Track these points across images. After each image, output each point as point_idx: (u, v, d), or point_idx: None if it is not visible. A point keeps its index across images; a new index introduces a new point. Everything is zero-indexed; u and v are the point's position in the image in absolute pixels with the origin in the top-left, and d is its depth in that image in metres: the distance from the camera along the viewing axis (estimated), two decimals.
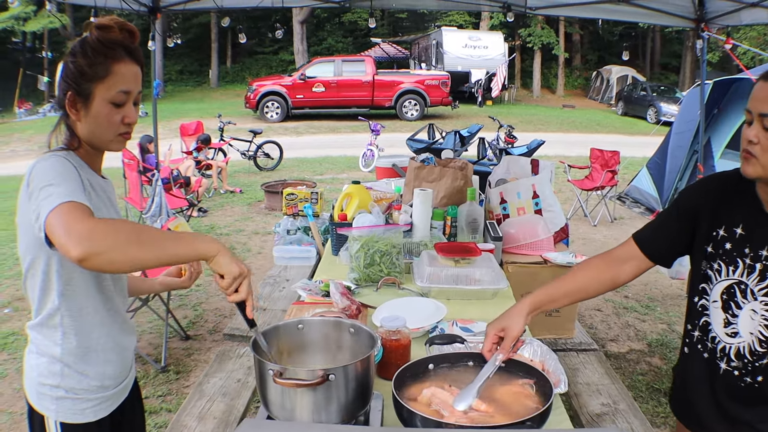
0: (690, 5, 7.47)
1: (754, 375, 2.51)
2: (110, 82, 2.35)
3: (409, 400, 2.27)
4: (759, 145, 2.31)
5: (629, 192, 14.55)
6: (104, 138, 2.42)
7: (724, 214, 2.56)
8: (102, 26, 2.37)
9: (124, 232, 2.03)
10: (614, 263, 2.82)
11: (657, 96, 34.20)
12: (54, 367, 2.39)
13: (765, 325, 2.44)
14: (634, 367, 6.63)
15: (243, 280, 2.21)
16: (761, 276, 2.43)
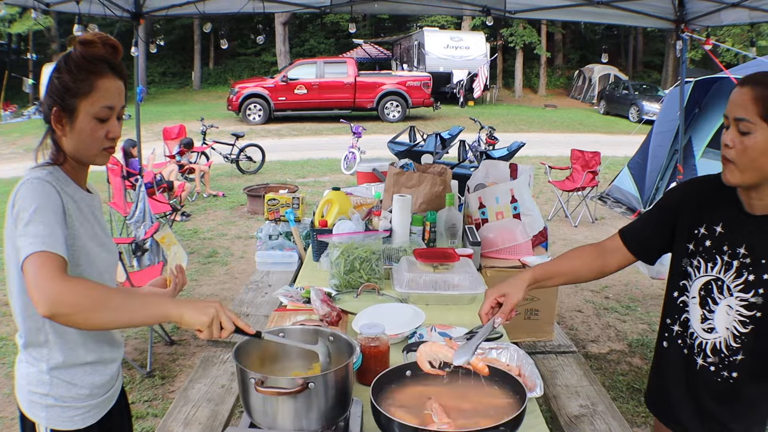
0: (670, 6, 7.56)
1: (730, 370, 2.62)
2: (94, 97, 2.41)
3: (387, 406, 2.33)
4: (734, 149, 2.42)
5: (610, 192, 14.62)
6: (89, 153, 2.48)
7: (706, 213, 2.68)
8: (86, 42, 2.43)
9: (92, 298, 2.12)
10: (603, 253, 2.98)
11: (639, 95, 34.29)
12: (43, 377, 2.45)
13: (740, 321, 2.55)
14: (614, 368, 6.71)
15: (218, 319, 2.22)
16: (738, 273, 2.54)
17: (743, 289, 2.53)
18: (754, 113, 2.36)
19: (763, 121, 2.35)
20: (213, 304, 2.22)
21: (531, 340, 5.38)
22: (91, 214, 2.58)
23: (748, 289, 2.52)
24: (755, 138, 2.37)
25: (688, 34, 7.75)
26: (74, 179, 2.52)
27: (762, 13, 6.74)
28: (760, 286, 2.50)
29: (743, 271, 2.53)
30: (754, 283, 2.51)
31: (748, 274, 2.52)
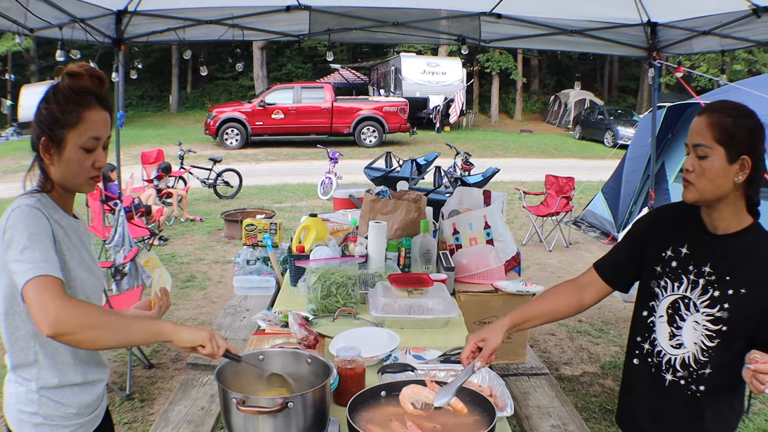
0: (642, 35, 7.71)
1: (698, 384, 2.77)
2: (82, 128, 2.52)
3: (363, 425, 2.43)
4: (694, 172, 2.64)
5: (585, 216, 14.76)
6: (76, 181, 2.59)
7: (672, 236, 2.87)
8: (73, 74, 2.54)
9: (93, 319, 2.27)
10: (579, 289, 3.14)
11: (614, 119, 34.57)
12: (32, 396, 2.53)
13: (707, 335, 2.71)
14: (587, 390, 6.82)
15: (216, 337, 2.44)
16: (703, 290, 2.71)
17: (709, 305, 2.69)
18: (710, 138, 2.58)
19: (719, 144, 2.57)
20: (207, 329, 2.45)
21: (504, 362, 5.49)
22: (78, 239, 2.67)
23: (713, 304, 2.68)
24: (712, 161, 2.59)
25: (660, 62, 7.90)
26: (61, 206, 2.63)
27: (732, 41, 6.89)
28: (725, 301, 2.66)
29: (708, 288, 2.70)
30: (719, 299, 2.67)
31: (713, 291, 2.68)
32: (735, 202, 2.67)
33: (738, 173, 2.60)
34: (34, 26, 6.31)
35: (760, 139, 2.62)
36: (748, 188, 2.66)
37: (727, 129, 2.58)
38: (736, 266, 2.67)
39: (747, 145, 2.58)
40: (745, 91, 10.11)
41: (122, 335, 2.35)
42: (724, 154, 2.59)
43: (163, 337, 2.39)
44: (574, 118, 40.36)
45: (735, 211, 2.69)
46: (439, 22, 8.03)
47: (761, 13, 6.08)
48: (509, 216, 15.62)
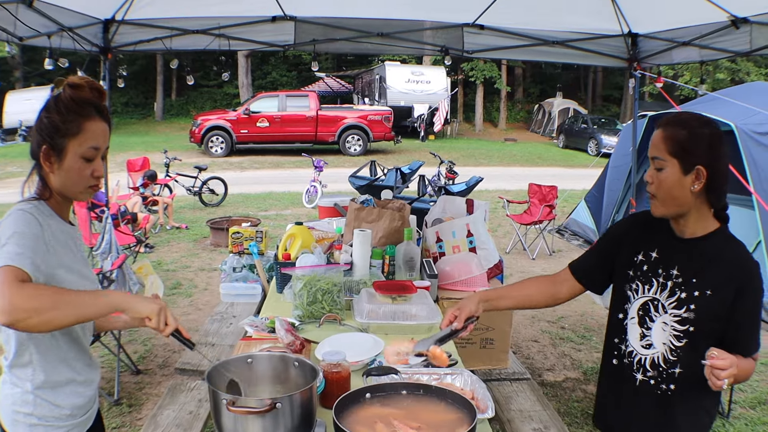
0: (623, 45, 7.80)
1: (668, 383, 2.89)
2: (82, 138, 2.60)
3: (349, 424, 2.51)
4: (654, 184, 2.81)
5: (568, 225, 14.86)
6: (75, 189, 2.68)
7: (643, 242, 3.02)
8: (74, 85, 2.64)
9: (45, 298, 2.32)
10: (555, 283, 3.35)
11: (597, 128, 34.72)
12: (27, 397, 2.60)
13: (675, 335, 2.84)
14: (569, 395, 6.92)
15: (165, 312, 2.51)
16: (671, 292, 2.85)
17: (676, 306, 2.82)
18: (665, 151, 2.75)
19: (672, 157, 2.73)
20: (159, 300, 2.51)
21: (487, 367, 5.57)
22: (74, 245, 2.77)
23: (680, 305, 2.81)
24: (667, 173, 2.76)
25: (640, 72, 8.01)
26: (58, 213, 2.72)
27: (711, 52, 6.99)
28: (691, 303, 2.79)
29: (676, 290, 2.83)
30: (686, 300, 2.80)
31: (681, 293, 2.82)
32: (698, 209, 2.81)
33: (694, 183, 2.73)
34: (24, 35, 6.36)
35: (719, 147, 2.75)
36: (708, 196, 2.79)
37: (680, 142, 2.73)
38: (702, 269, 2.79)
39: (699, 155, 2.71)
40: (725, 101, 10.26)
41: (76, 311, 2.39)
42: (678, 165, 2.74)
43: (115, 307, 2.45)
44: (558, 126, 40.59)
45: (698, 218, 2.83)
46: (423, 33, 8.12)
47: (740, 24, 6.18)
48: (493, 224, 15.73)
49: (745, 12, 6.06)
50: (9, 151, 30.70)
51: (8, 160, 27.32)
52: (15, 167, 25.44)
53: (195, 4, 7.13)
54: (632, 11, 6.98)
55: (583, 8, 7.04)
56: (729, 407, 6.56)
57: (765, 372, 7.66)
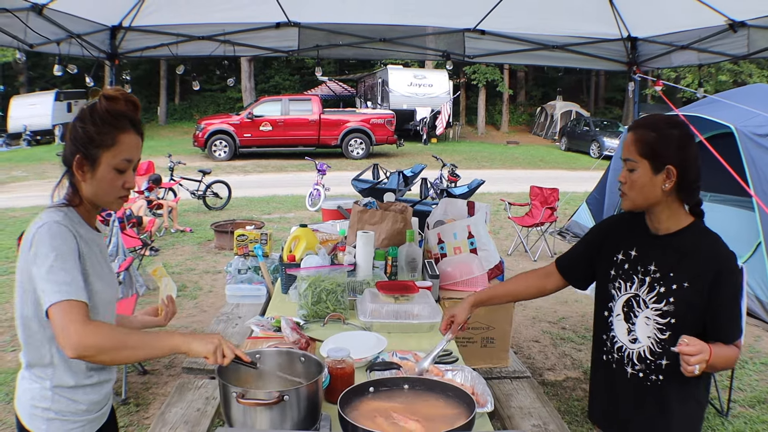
0: (623, 49, 7.89)
1: (657, 374, 3.01)
2: (116, 150, 2.68)
3: (353, 416, 2.60)
4: (626, 184, 2.96)
5: (570, 227, 14.89)
6: (106, 199, 2.76)
7: (622, 241, 3.15)
8: (110, 97, 2.70)
9: (113, 340, 2.46)
10: (541, 277, 3.54)
11: (600, 131, 34.64)
12: (46, 393, 2.68)
13: (658, 329, 2.96)
14: (570, 394, 6.99)
15: (222, 347, 2.60)
16: (650, 287, 2.98)
17: (656, 300, 2.95)
18: (636, 153, 2.91)
19: (643, 158, 2.89)
20: (216, 336, 2.61)
21: (488, 366, 5.65)
22: (99, 252, 2.83)
23: (660, 299, 2.94)
24: (638, 173, 2.91)
25: (640, 76, 8.09)
26: (86, 220, 2.79)
27: (710, 55, 7.08)
28: (670, 296, 2.91)
29: (655, 284, 2.96)
30: (665, 294, 2.93)
31: (659, 287, 2.94)
32: (669, 206, 2.95)
33: (665, 182, 2.88)
34: (33, 42, 6.47)
35: (688, 146, 2.89)
36: (679, 193, 2.93)
37: (650, 143, 2.87)
38: (677, 262, 2.92)
39: (668, 155, 2.86)
40: (725, 103, 10.33)
41: (140, 353, 2.60)
42: (648, 166, 2.88)
43: (176, 350, 2.57)
44: (560, 129, 40.51)
45: (671, 214, 2.97)
46: (424, 38, 8.23)
47: (737, 28, 6.29)
48: (495, 226, 15.80)
49: (742, 16, 6.16)
50: (14, 156, 30.75)
51: (13, 165, 27.40)
52: (20, 171, 25.53)
53: (200, 11, 7.25)
54: (631, 15, 7.08)
55: (582, 13, 7.14)
56: (728, 406, 6.63)
57: (764, 371, 7.74)
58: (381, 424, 2.60)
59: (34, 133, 35.36)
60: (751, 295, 9.20)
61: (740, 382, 7.34)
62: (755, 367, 7.85)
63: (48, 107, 36.00)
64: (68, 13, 6.41)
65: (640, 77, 8.10)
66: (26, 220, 15.31)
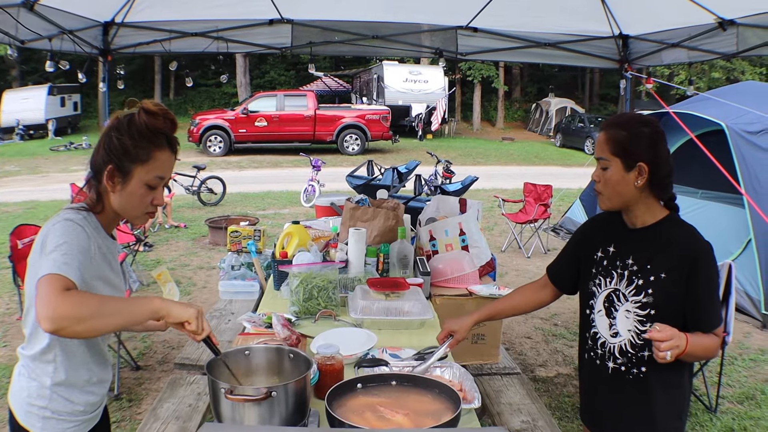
0: (614, 47, 7.95)
1: (639, 366, 3.05)
2: (150, 166, 2.69)
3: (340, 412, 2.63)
4: (600, 183, 3.03)
5: (563, 223, 14.92)
6: (132, 213, 2.78)
7: (601, 239, 3.22)
8: (149, 112, 2.68)
9: (88, 307, 2.40)
10: (539, 290, 3.62)
11: (594, 127, 34.57)
12: (44, 391, 2.70)
13: (638, 321, 3.01)
14: (561, 390, 7.04)
15: (202, 318, 2.61)
16: (629, 280, 3.03)
17: (635, 293, 3.00)
18: (608, 151, 2.97)
19: (615, 156, 2.95)
20: (195, 305, 2.60)
21: (478, 362, 5.69)
22: (112, 259, 2.87)
23: (639, 292, 2.99)
24: (611, 172, 2.97)
25: (631, 73, 8.14)
26: (105, 227, 2.80)
27: (699, 53, 7.14)
28: (648, 287, 2.96)
29: (633, 278, 3.01)
30: (643, 286, 2.98)
31: (638, 280, 3.00)
32: (644, 201, 3.01)
33: (637, 179, 2.94)
34: (25, 38, 6.48)
35: (658, 144, 2.95)
36: (652, 189, 2.99)
37: (621, 142, 2.94)
38: (654, 254, 2.98)
39: (639, 153, 2.92)
40: (716, 100, 10.38)
41: (118, 319, 2.51)
42: (620, 164, 2.95)
43: (155, 312, 2.52)
44: (555, 125, 40.52)
45: (646, 209, 3.03)
46: (417, 36, 8.28)
47: (726, 26, 6.34)
48: (489, 223, 15.84)
49: (731, 14, 6.22)
50: (6, 150, 30.78)
51: (6, 159, 27.40)
52: (12, 166, 25.55)
53: (193, 8, 7.27)
54: (622, 13, 7.13)
55: (574, 11, 7.18)
56: (717, 402, 6.67)
57: (753, 367, 7.78)
58: (369, 418, 2.64)
59: (27, 127, 35.36)
60: (740, 291, 9.25)
61: (729, 378, 7.38)
62: (744, 363, 7.89)
63: (41, 101, 36.01)
64: (60, 9, 6.43)
65: (632, 75, 8.15)
66: (18, 215, 15.40)
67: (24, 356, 2.76)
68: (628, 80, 8.22)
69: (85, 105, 41.80)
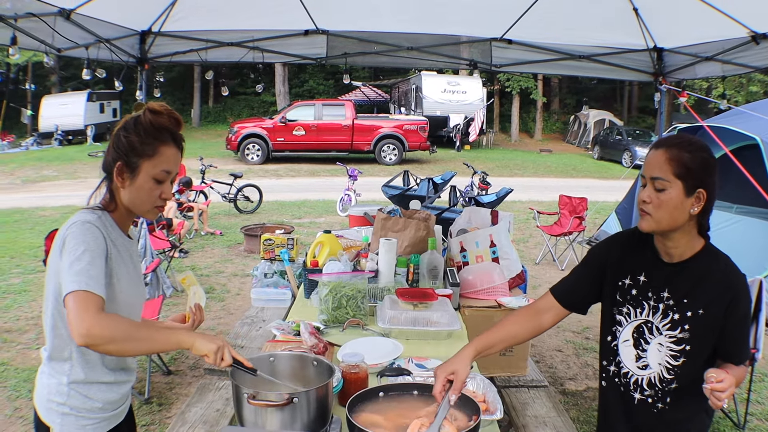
0: (649, 60, 7.93)
1: (665, 399, 2.99)
2: (156, 161, 2.82)
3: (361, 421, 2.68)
4: (651, 204, 2.83)
5: (598, 236, 14.82)
6: (142, 207, 2.89)
7: (628, 265, 3.08)
8: (154, 111, 2.85)
9: (121, 332, 2.54)
10: (537, 314, 3.32)
11: (632, 140, 34.42)
12: (62, 388, 2.80)
13: (671, 355, 2.93)
14: (590, 404, 7.00)
15: (223, 350, 2.70)
16: (664, 314, 2.93)
17: (671, 328, 2.91)
18: (669, 172, 2.78)
19: (677, 178, 2.77)
20: (220, 338, 2.71)
21: (506, 374, 5.70)
22: (129, 257, 2.95)
23: (675, 326, 2.89)
24: (670, 194, 2.78)
25: (666, 86, 8.11)
26: (120, 225, 2.91)
27: (733, 67, 7.10)
28: (685, 323, 2.87)
29: (669, 311, 2.91)
30: (680, 321, 2.88)
31: (674, 314, 2.90)
32: (689, 231, 2.88)
33: (694, 205, 2.80)
34: (61, 46, 6.58)
35: (714, 172, 2.83)
36: (701, 218, 2.88)
37: (686, 163, 2.77)
38: (692, 289, 2.88)
39: (702, 178, 2.78)
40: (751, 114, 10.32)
41: (146, 346, 2.70)
42: (681, 187, 2.78)
43: (181, 346, 2.69)
44: (593, 138, 40.30)
45: (688, 240, 2.89)
46: (452, 47, 8.30)
47: (760, 40, 6.31)
48: (525, 235, 15.83)
49: (764, 28, 6.18)
50: (45, 155, 31.10)
51: (44, 164, 27.70)
52: (51, 171, 25.84)
53: (229, 18, 7.34)
54: (657, 26, 7.10)
55: (608, 23, 7.17)
56: (745, 419, 6.64)
57: None
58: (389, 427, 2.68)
59: (66, 132, 35.74)
60: None
61: (759, 396, 7.33)
62: None
63: (80, 107, 36.39)
64: (96, 18, 6.52)
65: (667, 88, 8.12)
66: (55, 220, 15.57)
67: (45, 356, 2.86)
68: (663, 93, 8.20)
69: (124, 112, 42.01)
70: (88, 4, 6.13)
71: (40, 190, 21.30)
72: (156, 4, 6.98)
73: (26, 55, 37.04)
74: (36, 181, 23.61)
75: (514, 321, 3.34)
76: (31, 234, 14.70)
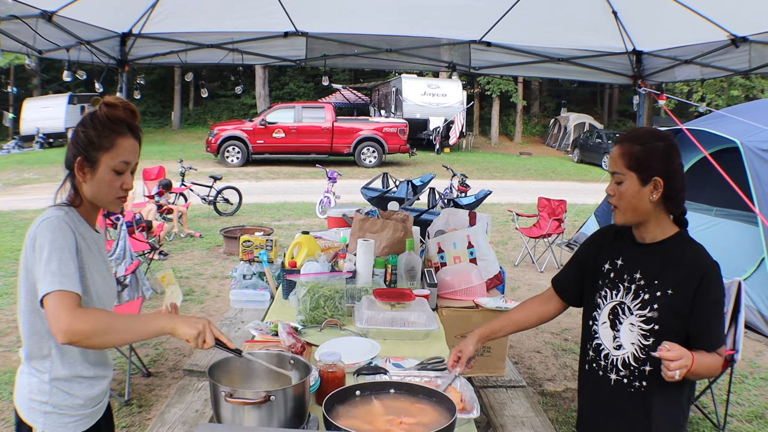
0: (628, 63, 7.97)
1: (640, 380, 3.08)
2: (114, 153, 2.86)
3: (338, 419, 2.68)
4: (615, 196, 3.05)
5: (577, 238, 14.91)
6: (105, 199, 2.92)
7: (609, 251, 3.24)
8: (109, 104, 2.90)
9: (101, 324, 2.59)
10: (541, 304, 3.61)
11: (612, 143, 34.39)
12: (44, 386, 2.81)
13: (642, 335, 3.04)
14: (568, 405, 7.04)
15: (205, 333, 2.70)
16: (636, 294, 3.06)
17: (641, 307, 3.03)
18: (622, 165, 3.01)
19: (630, 170, 2.98)
20: (202, 321, 2.71)
21: (484, 375, 5.71)
22: (98, 250, 2.99)
23: (644, 306, 3.02)
24: (627, 186, 3.00)
25: (644, 89, 8.15)
26: (87, 220, 2.95)
27: (712, 70, 7.15)
28: (654, 302, 2.99)
29: (640, 292, 3.04)
30: (649, 301, 3.01)
31: (644, 294, 3.03)
32: (657, 216, 3.04)
33: (652, 193, 2.97)
34: (43, 48, 6.57)
35: (673, 158, 3.00)
36: (665, 204, 3.02)
37: (637, 156, 2.97)
38: (662, 270, 3.00)
39: (654, 167, 2.96)
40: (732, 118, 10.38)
41: (127, 336, 2.75)
42: (636, 178, 2.98)
43: (162, 330, 2.68)
44: (573, 141, 40.47)
45: (658, 224, 3.06)
46: (432, 49, 8.31)
47: (739, 43, 6.36)
48: (503, 237, 15.87)
49: (744, 31, 6.24)
50: (26, 158, 30.99)
51: (25, 167, 27.59)
52: (32, 174, 25.72)
53: (209, 20, 7.36)
54: (636, 29, 7.15)
55: (587, 26, 7.21)
56: (725, 420, 6.67)
57: (764, 386, 7.78)
58: (365, 425, 2.69)
59: (47, 135, 35.60)
60: (753, 309, 9.25)
61: (739, 397, 7.38)
62: (755, 381, 7.88)
63: (61, 110, 36.26)
64: (78, 20, 6.52)
65: (645, 91, 8.16)
66: None
67: (23, 356, 2.88)
68: (642, 96, 8.23)
69: None
70: (69, 7, 6.14)
71: (21, 193, 21.21)
72: (136, 6, 7.00)
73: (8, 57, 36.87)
74: (17, 184, 23.51)
75: (520, 309, 3.68)
76: (11, 237, 14.64)
